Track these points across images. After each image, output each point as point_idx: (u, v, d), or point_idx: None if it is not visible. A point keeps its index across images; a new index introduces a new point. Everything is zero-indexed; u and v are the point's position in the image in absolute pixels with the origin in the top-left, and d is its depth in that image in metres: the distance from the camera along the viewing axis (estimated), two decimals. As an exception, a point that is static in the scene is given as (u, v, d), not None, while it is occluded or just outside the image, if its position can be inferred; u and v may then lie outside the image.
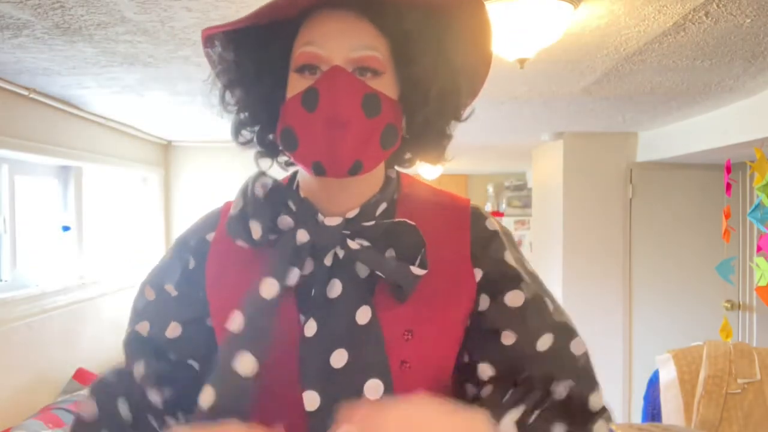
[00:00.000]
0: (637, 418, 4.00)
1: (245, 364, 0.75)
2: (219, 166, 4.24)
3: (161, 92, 2.68)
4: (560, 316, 0.85)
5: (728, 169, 2.92)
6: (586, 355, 0.84)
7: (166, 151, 4.24)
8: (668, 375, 2.48)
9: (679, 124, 3.60)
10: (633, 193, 4.18)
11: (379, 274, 0.79)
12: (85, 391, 0.91)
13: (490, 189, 7.56)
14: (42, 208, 2.99)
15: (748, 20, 1.78)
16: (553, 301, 0.87)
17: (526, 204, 6.89)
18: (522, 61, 1.81)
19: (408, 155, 0.89)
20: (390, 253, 0.81)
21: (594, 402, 0.80)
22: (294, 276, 0.79)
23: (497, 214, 7.14)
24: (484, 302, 0.84)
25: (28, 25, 1.76)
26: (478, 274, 0.84)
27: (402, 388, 0.77)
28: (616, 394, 4.16)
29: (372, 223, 0.82)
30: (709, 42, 2.00)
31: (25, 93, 2.51)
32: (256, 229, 0.80)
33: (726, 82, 2.58)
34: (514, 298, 0.83)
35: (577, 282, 4.18)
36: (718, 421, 2.32)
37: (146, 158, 3.94)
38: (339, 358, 0.78)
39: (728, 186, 2.90)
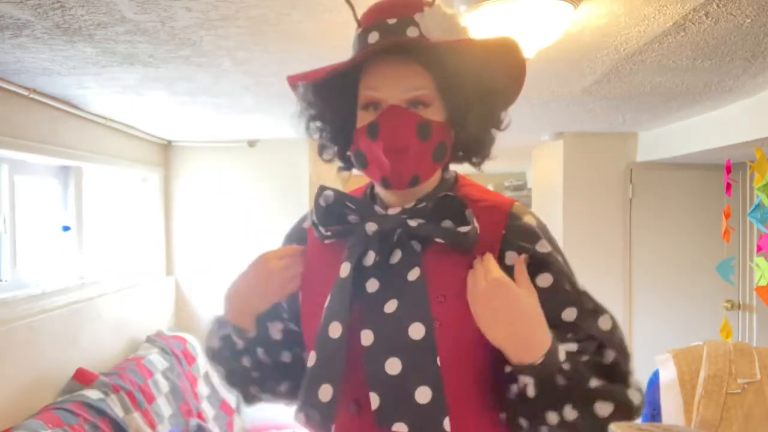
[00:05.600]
0: (637, 418, 4.00)
1: (336, 329, 0.99)
2: (219, 166, 4.24)
3: (161, 92, 2.68)
4: (587, 297, 1.04)
5: (728, 169, 2.92)
6: (617, 328, 1.03)
7: (166, 151, 4.24)
8: (668, 375, 2.48)
9: (679, 124, 3.60)
10: (633, 193, 4.18)
11: (438, 239, 1.01)
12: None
13: (490, 189, 7.56)
14: (42, 208, 2.99)
15: (748, 20, 1.78)
16: (578, 283, 1.05)
17: (526, 204, 6.88)
18: (522, 61, 1.81)
19: (460, 154, 1.11)
20: (447, 223, 1.02)
21: (633, 380, 1.00)
22: (371, 257, 1.03)
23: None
24: None
25: (28, 25, 1.76)
26: (512, 258, 1.01)
27: (437, 340, 0.96)
28: (616, 394, 4.15)
29: (423, 204, 1.04)
30: (709, 42, 2.00)
31: (25, 93, 2.51)
32: (322, 232, 1.08)
33: (726, 82, 2.58)
34: (543, 280, 1.01)
35: (577, 282, 4.17)
36: (718, 421, 2.32)
37: (146, 158, 3.94)
38: (391, 306, 0.99)
39: (728, 186, 2.90)
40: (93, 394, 2.66)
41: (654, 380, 2.55)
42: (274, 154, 4.23)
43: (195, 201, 4.26)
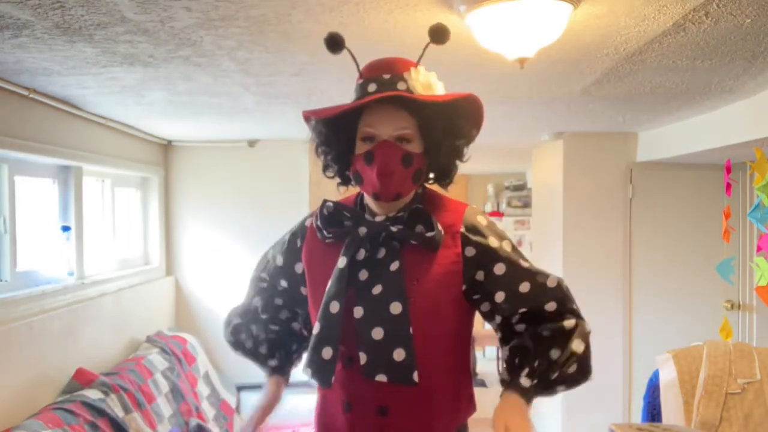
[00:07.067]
0: (637, 418, 4.00)
1: (335, 306, 1.37)
2: (219, 166, 4.24)
3: (161, 92, 2.68)
4: (533, 266, 1.44)
5: (728, 169, 2.92)
6: (562, 281, 1.46)
7: (166, 151, 4.24)
8: (668, 375, 2.48)
9: (679, 124, 3.60)
10: (633, 193, 4.18)
11: (412, 241, 1.39)
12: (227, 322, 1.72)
13: (490, 189, 7.55)
14: (42, 208, 2.99)
15: (748, 20, 1.78)
16: (526, 261, 1.45)
17: (526, 204, 6.89)
18: (522, 61, 1.81)
19: (431, 179, 1.50)
20: (419, 228, 1.40)
21: (580, 328, 1.45)
22: (362, 253, 1.40)
23: (497, 214, 7.13)
24: (479, 274, 1.42)
25: (28, 25, 1.76)
26: (470, 251, 1.42)
27: (411, 314, 1.34)
28: (616, 394, 4.16)
29: (401, 214, 1.42)
30: (709, 42, 2.00)
31: (25, 93, 2.51)
32: (324, 234, 1.45)
33: (726, 82, 2.58)
34: (498, 269, 1.42)
35: (577, 282, 4.15)
36: (718, 421, 2.32)
37: (146, 158, 3.94)
38: (377, 289, 1.37)
39: (728, 186, 2.90)
40: (93, 394, 2.66)
41: (654, 380, 2.55)
42: (274, 154, 4.23)
43: (195, 201, 4.25)
